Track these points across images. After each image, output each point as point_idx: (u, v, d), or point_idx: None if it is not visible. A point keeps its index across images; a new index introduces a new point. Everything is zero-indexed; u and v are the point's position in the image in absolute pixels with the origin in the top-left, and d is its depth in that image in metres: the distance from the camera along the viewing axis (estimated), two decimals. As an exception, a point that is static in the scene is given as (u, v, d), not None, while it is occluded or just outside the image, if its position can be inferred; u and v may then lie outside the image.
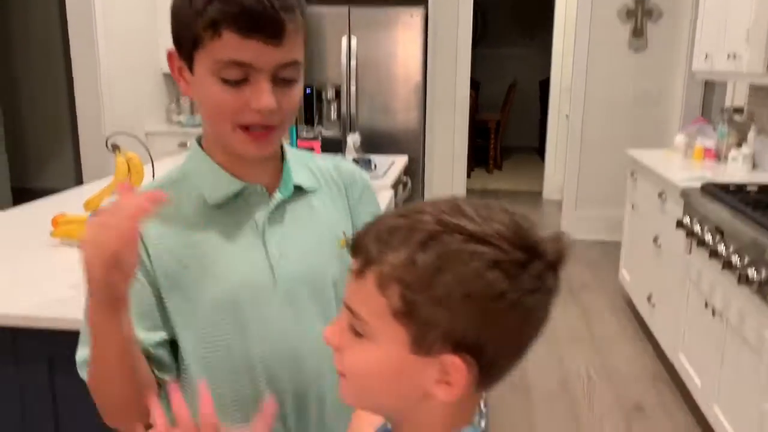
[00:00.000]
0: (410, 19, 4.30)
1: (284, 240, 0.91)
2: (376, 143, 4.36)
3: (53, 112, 6.63)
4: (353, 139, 3.89)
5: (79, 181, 5.45)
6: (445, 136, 5.04)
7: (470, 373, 0.60)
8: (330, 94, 4.52)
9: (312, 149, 2.94)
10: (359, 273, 0.62)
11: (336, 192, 0.99)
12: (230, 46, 0.80)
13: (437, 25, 4.67)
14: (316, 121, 4.52)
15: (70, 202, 2.31)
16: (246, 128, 0.85)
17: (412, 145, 4.43)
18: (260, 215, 0.91)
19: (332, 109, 4.56)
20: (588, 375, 2.97)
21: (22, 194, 6.20)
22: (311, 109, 4.53)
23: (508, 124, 8.56)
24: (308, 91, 4.54)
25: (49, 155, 6.76)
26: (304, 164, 0.97)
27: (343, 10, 4.33)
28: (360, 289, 0.62)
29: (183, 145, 4.80)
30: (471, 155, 6.95)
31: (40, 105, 6.65)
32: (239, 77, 0.82)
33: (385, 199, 2.58)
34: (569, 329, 3.43)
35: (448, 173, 5.10)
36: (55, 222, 1.89)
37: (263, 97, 0.82)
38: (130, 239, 0.72)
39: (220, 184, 0.90)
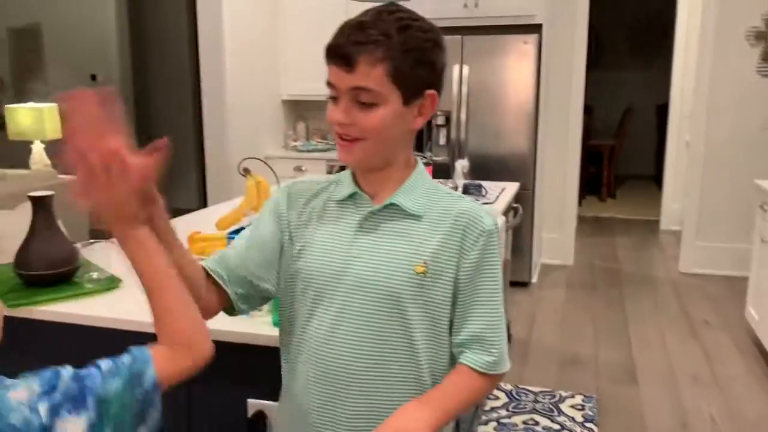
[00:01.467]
0: (524, 46, 4.29)
1: (366, 245, 1.06)
2: (485, 169, 4.36)
3: (181, 137, 7.13)
4: (461, 165, 3.91)
5: (202, 201, 5.81)
6: (557, 162, 4.96)
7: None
8: (440, 120, 4.59)
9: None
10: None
11: (447, 228, 1.06)
12: (329, 70, 1.04)
13: (551, 50, 4.63)
14: (425, 146, 4.59)
15: (199, 222, 2.49)
16: (339, 137, 1.05)
17: (522, 172, 4.39)
18: (357, 218, 1.08)
19: (441, 134, 4.62)
20: (711, 418, 2.79)
21: (151, 212, 6.68)
22: (421, 135, 4.61)
23: (622, 151, 8.28)
24: (419, 117, 4.62)
25: (175, 177, 7.27)
26: (424, 192, 1.09)
27: (456, 38, 4.39)
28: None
29: (298, 169, 5.01)
30: (583, 182, 6.79)
31: (170, 130, 7.18)
32: (332, 95, 1.04)
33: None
34: (689, 368, 3.25)
35: (559, 200, 5.01)
36: (191, 239, 2.04)
37: (333, 111, 1.04)
38: (145, 180, 0.94)
39: (344, 186, 1.10)
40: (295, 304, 1.12)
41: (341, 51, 1.00)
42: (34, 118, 4.41)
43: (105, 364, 0.87)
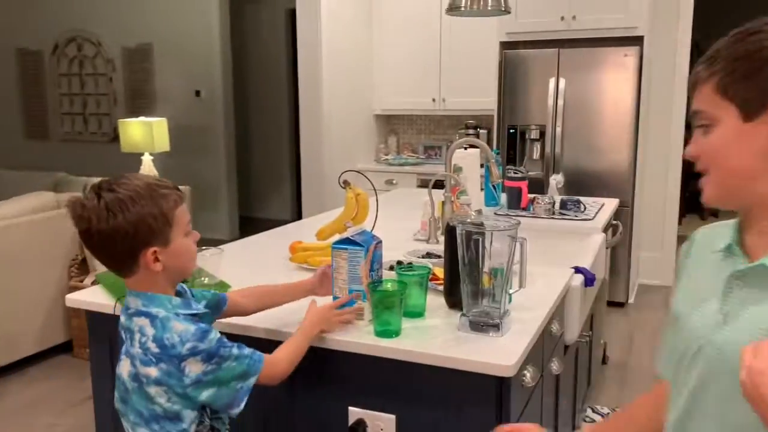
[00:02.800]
0: (623, 59, 4.17)
1: (740, 305, 0.86)
2: (581, 185, 4.26)
3: (278, 149, 7.38)
4: (556, 180, 3.83)
5: (296, 212, 5.96)
6: (657, 178, 4.77)
7: None
8: (534, 134, 4.52)
9: (520, 189, 2.96)
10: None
11: None
12: None
13: (652, 63, 4.48)
14: (518, 161, 4.53)
15: (297, 232, 2.56)
16: None
17: (620, 188, 4.25)
18: (728, 272, 0.89)
19: (535, 149, 4.54)
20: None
21: (246, 222, 6.95)
22: (514, 149, 4.56)
23: (726, 167, 7.86)
24: (511, 131, 4.58)
25: (271, 189, 7.52)
26: None
27: (552, 51, 4.33)
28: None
29: (389, 182, 5.07)
30: (683, 199, 6.49)
31: (268, 142, 7.44)
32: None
33: (596, 242, 2.51)
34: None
35: (658, 218, 4.81)
36: (292, 248, 2.11)
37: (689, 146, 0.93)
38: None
39: (725, 235, 0.94)
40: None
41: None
42: (144, 132, 4.70)
43: (239, 349, 1.23)
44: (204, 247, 1.88)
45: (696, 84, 0.89)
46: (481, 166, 3.04)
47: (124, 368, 1.22)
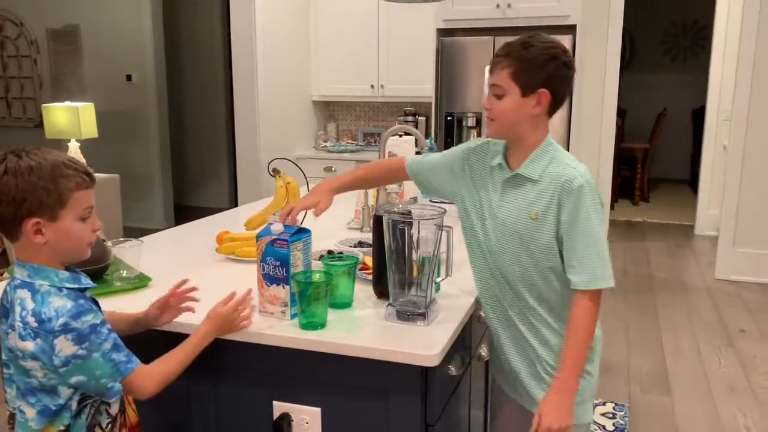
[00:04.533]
0: (557, 47, 4.23)
1: (498, 200, 1.53)
2: (516, 171, 4.31)
3: (213, 137, 7.20)
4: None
5: (232, 200, 5.86)
6: (590, 164, 4.84)
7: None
8: (471, 121, 4.55)
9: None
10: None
11: (552, 190, 1.45)
12: None
13: (584, 52, 4.56)
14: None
15: (229, 221, 2.50)
16: None
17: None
18: (498, 181, 1.53)
19: (472, 136, 4.57)
20: (747, 429, 2.71)
21: (181, 210, 6.77)
22: (452, 136, 4.58)
23: (656, 154, 8.13)
24: (449, 118, 4.59)
25: (207, 177, 7.34)
26: (545, 161, 1.48)
27: (488, 39, 4.35)
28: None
29: (328, 169, 5.02)
30: (616, 185, 6.68)
31: (203, 130, 7.25)
32: None
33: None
34: (725, 378, 3.16)
35: (590, 204, 4.92)
36: (219, 239, 2.05)
37: (483, 100, 1.58)
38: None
39: (496, 157, 1.55)
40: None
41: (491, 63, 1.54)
42: (71, 117, 4.49)
43: (115, 349, 1.21)
44: (122, 239, 1.80)
45: (495, 67, 1.45)
46: (417, 153, 3.03)
47: (11, 340, 1.19)
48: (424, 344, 1.33)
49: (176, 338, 1.39)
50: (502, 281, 1.55)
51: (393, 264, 1.47)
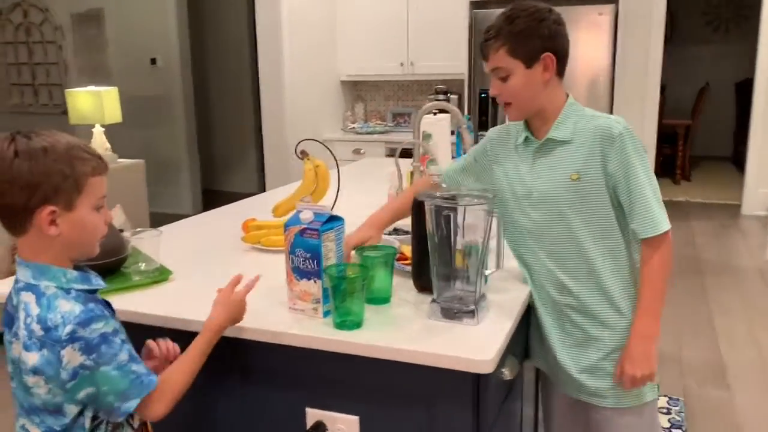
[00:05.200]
0: (598, 18, 3.99)
1: (530, 175, 1.46)
2: (555, 151, 4.11)
3: (240, 120, 7.09)
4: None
5: (261, 184, 5.76)
6: (631, 143, 4.63)
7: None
8: (507, 99, 4.33)
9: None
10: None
11: (589, 144, 1.39)
12: None
13: (628, 22, 4.30)
14: (491, 126, 4.35)
15: (257, 207, 2.36)
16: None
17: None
18: (527, 155, 1.48)
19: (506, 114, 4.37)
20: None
21: (210, 196, 6.69)
22: (486, 114, 4.38)
23: (698, 131, 7.79)
24: (483, 95, 4.39)
25: (235, 161, 7.23)
26: (572, 121, 1.42)
27: (524, 10, 4.13)
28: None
29: (357, 151, 4.86)
30: (657, 164, 6.39)
31: (229, 113, 7.13)
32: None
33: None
34: (786, 368, 2.95)
35: (633, 184, 4.69)
36: (245, 226, 1.91)
37: (490, 90, 1.47)
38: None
39: (521, 135, 1.49)
40: None
41: (482, 48, 1.45)
42: (94, 102, 4.39)
43: (131, 361, 1.07)
44: (140, 229, 1.67)
45: (489, 51, 1.41)
46: (452, 132, 2.85)
47: (15, 351, 1.06)
48: (475, 347, 1.17)
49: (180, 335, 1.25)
50: (550, 264, 1.46)
51: (436, 255, 1.31)
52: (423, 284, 1.44)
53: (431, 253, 1.32)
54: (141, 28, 6.06)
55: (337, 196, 1.99)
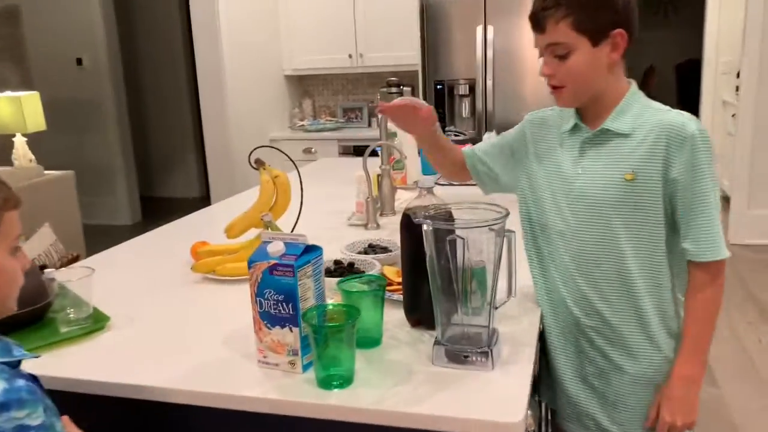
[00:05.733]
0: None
1: (573, 169, 1.25)
2: (515, 142, 3.95)
3: (178, 120, 6.67)
4: (490, 138, 3.50)
5: (204, 189, 5.41)
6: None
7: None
8: (463, 89, 4.14)
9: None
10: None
11: (652, 141, 1.18)
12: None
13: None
14: (448, 120, 4.15)
15: (205, 225, 2.07)
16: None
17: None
18: (573, 145, 1.26)
19: (465, 106, 4.17)
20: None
21: (149, 203, 6.28)
22: (443, 106, 4.17)
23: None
24: (438, 87, 4.18)
25: (175, 165, 6.82)
26: (634, 112, 1.21)
27: (478, -5, 3.93)
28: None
29: (308, 150, 4.58)
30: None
31: (166, 116, 6.71)
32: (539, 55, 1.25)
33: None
34: (769, 358, 2.86)
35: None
36: (194, 251, 1.63)
37: (542, 67, 1.24)
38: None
39: (569, 120, 1.29)
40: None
41: (534, 17, 1.20)
42: (14, 109, 3.98)
43: None
44: (71, 256, 1.37)
45: (548, 22, 1.17)
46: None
47: None
48: (497, 403, 0.95)
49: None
50: (578, 277, 1.25)
51: (438, 287, 1.08)
52: (418, 318, 1.20)
53: (431, 282, 1.09)
54: (63, 26, 5.58)
55: (300, 210, 1.73)
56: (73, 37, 5.59)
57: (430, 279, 1.08)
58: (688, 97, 5.82)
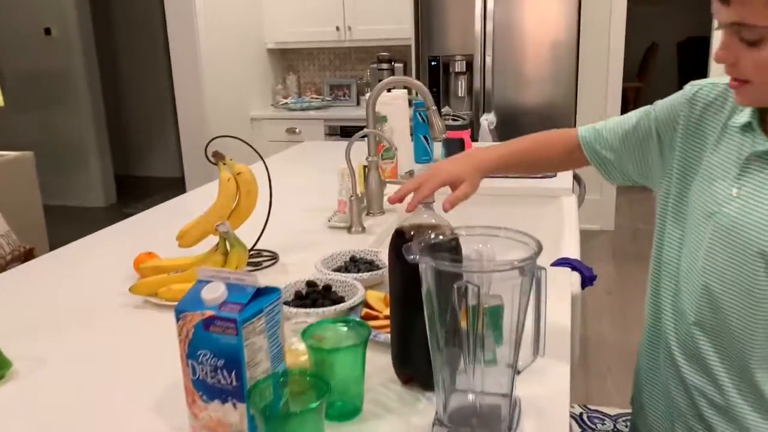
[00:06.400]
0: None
1: (753, 182, 0.94)
2: (516, 124, 3.66)
3: (154, 97, 6.31)
4: (488, 120, 3.21)
5: (182, 169, 5.09)
6: (595, 111, 4.21)
7: None
8: (459, 66, 3.82)
9: (461, 140, 2.27)
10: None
11: None
12: None
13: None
14: (443, 100, 3.83)
15: (172, 221, 1.77)
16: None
17: (560, 126, 3.66)
18: (741, 153, 0.96)
19: (460, 84, 3.86)
20: None
21: (125, 182, 5.94)
22: (437, 85, 3.85)
23: (646, 94, 7.53)
24: (433, 63, 3.86)
25: (153, 143, 6.46)
26: None
27: (477, -36, 3.60)
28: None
29: (292, 131, 4.25)
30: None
31: (143, 90, 6.34)
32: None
33: (569, 208, 1.90)
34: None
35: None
36: (137, 264, 1.33)
37: (717, 50, 0.90)
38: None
39: (741, 112, 0.99)
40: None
41: None
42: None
43: None
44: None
45: None
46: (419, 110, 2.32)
47: None
48: None
49: None
50: (696, 332, 1.00)
51: (437, 333, 0.79)
52: (411, 374, 0.91)
53: (428, 326, 0.80)
54: (30, -8, 5.19)
55: (269, 213, 1.43)
56: (40, 5, 5.19)
57: (427, 323, 0.79)
58: (690, 77, 5.52)
